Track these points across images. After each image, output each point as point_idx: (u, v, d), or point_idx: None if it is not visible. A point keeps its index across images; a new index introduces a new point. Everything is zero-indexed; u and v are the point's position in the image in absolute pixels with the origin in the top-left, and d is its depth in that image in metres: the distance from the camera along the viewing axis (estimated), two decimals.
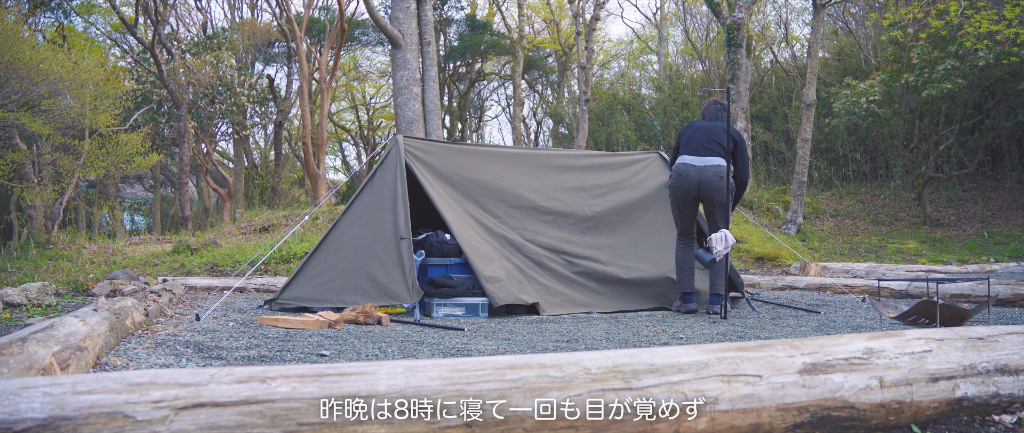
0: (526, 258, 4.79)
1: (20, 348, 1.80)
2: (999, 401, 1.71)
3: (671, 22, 26.99)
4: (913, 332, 1.80)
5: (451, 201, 4.76)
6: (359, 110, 29.43)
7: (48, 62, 8.78)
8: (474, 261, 4.42)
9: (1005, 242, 11.65)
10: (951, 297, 4.90)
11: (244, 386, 1.20)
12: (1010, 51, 10.97)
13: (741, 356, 1.53)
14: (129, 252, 9.47)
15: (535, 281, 4.69)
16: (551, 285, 4.73)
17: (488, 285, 4.33)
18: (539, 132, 29.24)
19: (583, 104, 17.71)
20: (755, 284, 7.03)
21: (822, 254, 11.22)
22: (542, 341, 3.29)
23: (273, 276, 7.78)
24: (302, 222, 9.03)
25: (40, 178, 10.46)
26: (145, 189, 24.43)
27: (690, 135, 4.75)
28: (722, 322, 4.11)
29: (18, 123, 8.66)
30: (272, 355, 2.76)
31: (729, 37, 11.66)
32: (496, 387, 1.30)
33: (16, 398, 1.12)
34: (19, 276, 7.02)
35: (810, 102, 12.50)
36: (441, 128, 12.64)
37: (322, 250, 4.69)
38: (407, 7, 10.78)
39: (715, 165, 4.56)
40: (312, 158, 17.49)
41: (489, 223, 4.83)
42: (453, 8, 24.89)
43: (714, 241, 4.41)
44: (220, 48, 17.32)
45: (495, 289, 4.32)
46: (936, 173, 14.06)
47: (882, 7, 14.83)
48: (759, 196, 13.82)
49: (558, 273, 4.81)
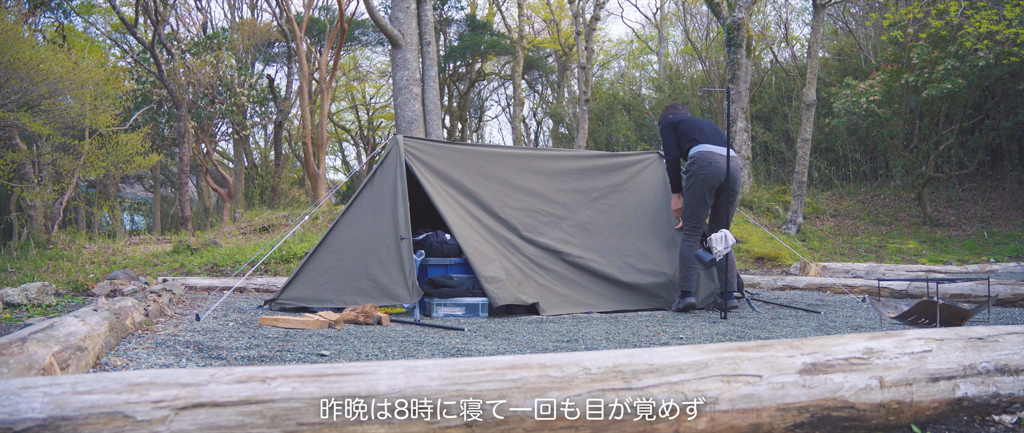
0: (525, 258, 4.79)
1: (20, 348, 1.80)
2: (999, 401, 1.71)
3: (671, 22, 27.00)
4: (913, 332, 1.80)
5: (451, 201, 4.76)
6: (359, 110, 29.44)
7: (48, 62, 8.78)
8: (474, 261, 4.42)
9: (1005, 242, 11.65)
10: (951, 297, 4.89)
11: (244, 386, 1.20)
12: (1010, 51, 10.97)
13: (741, 356, 1.53)
14: (129, 252, 9.48)
15: (535, 281, 4.69)
16: (550, 285, 4.73)
17: (488, 285, 4.34)
18: (539, 132, 29.25)
19: (583, 104, 17.71)
20: (755, 284, 7.03)
21: (822, 254, 11.22)
22: (542, 341, 3.29)
23: (273, 276, 7.78)
24: (302, 222, 9.03)
25: (40, 178, 10.46)
26: (145, 189, 24.43)
27: (695, 125, 4.69)
28: (722, 322, 4.11)
29: (18, 123, 8.66)
30: (272, 355, 2.76)
31: (729, 37, 11.66)
32: (496, 387, 1.30)
33: (16, 398, 1.12)
34: (19, 276, 7.02)
35: (810, 102, 12.50)
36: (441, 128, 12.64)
37: (322, 250, 4.69)
38: (407, 7, 10.78)
39: (734, 157, 4.60)
40: (312, 158, 17.49)
41: (489, 223, 4.83)
42: (453, 8, 24.90)
43: (714, 241, 4.41)
44: (220, 48, 17.33)
45: (495, 289, 4.33)
46: (936, 173, 14.06)
47: (882, 7, 14.83)
48: (759, 196, 13.81)
49: (557, 273, 4.81)
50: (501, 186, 5.01)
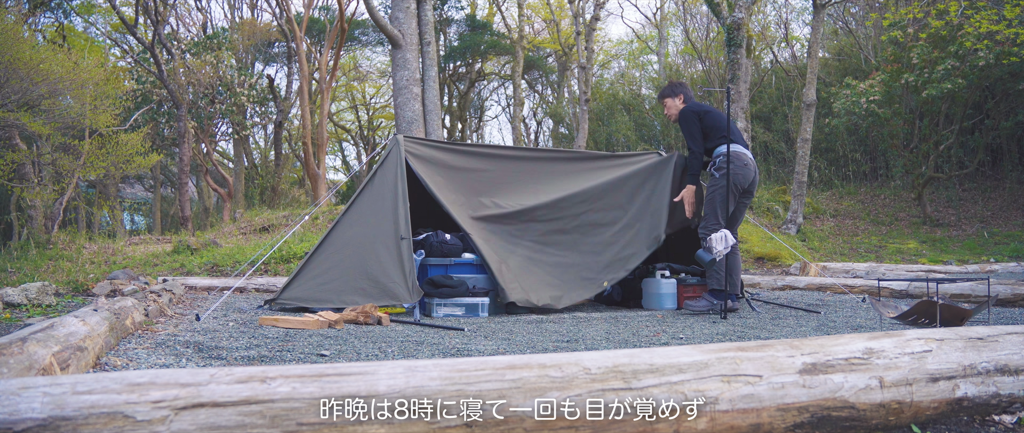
0: (529, 254, 4.80)
1: (20, 348, 1.80)
2: (999, 401, 1.71)
3: (671, 22, 27.00)
4: (913, 332, 1.80)
5: (454, 197, 4.77)
6: (359, 110, 29.44)
7: (48, 62, 8.78)
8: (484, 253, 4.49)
9: (1005, 242, 11.65)
10: (951, 297, 4.89)
11: (244, 386, 1.20)
12: (1010, 51, 10.97)
13: (741, 356, 1.53)
14: (129, 252, 9.48)
15: (539, 277, 4.70)
16: (554, 280, 4.75)
17: (499, 279, 4.41)
18: (539, 132, 29.25)
19: (583, 104, 17.72)
20: (755, 284, 7.03)
21: (822, 254, 11.22)
22: (542, 341, 3.29)
23: (273, 276, 7.78)
24: (302, 222, 9.03)
25: (40, 178, 10.46)
26: (145, 189, 24.44)
27: (723, 121, 4.62)
28: (722, 322, 4.11)
29: (18, 123, 8.66)
30: (272, 355, 2.76)
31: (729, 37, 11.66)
32: (496, 387, 1.30)
33: (16, 398, 1.12)
34: (19, 276, 7.02)
35: (810, 102, 12.50)
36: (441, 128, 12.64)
37: (322, 250, 4.69)
38: (407, 7, 10.78)
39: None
40: (312, 158, 17.49)
41: (492, 220, 4.84)
42: (453, 8, 24.90)
43: (714, 241, 4.41)
44: (220, 48, 17.33)
45: (504, 285, 4.40)
46: (936, 173, 14.06)
47: (882, 7, 14.83)
48: (759, 196, 13.82)
49: (561, 267, 4.83)
50: (502, 185, 5.01)
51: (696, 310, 4.61)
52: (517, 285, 4.52)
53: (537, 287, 4.63)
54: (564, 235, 4.98)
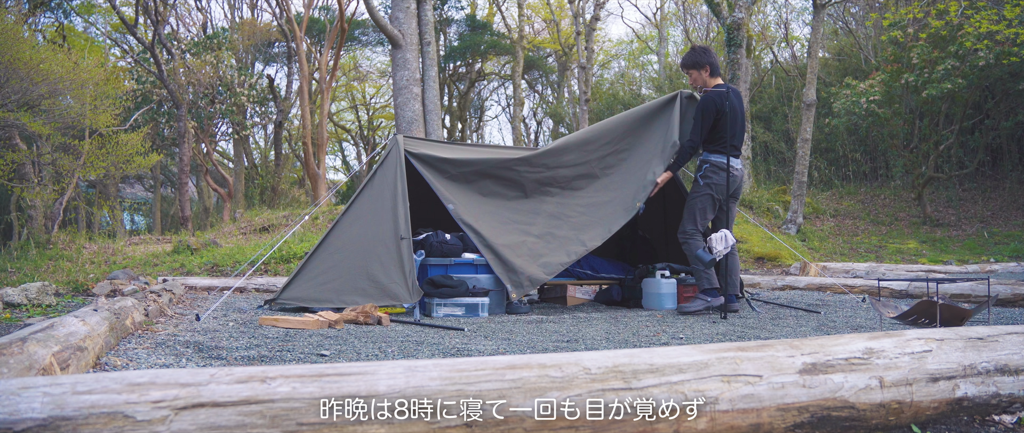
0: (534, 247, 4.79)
1: (20, 348, 1.80)
2: (999, 401, 1.71)
3: (671, 22, 27.02)
4: (913, 332, 1.80)
5: (458, 194, 4.77)
6: (359, 110, 29.46)
7: (48, 62, 8.78)
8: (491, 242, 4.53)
9: (1005, 242, 11.65)
10: (951, 297, 4.89)
11: (244, 386, 1.20)
12: (1010, 51, 10.97)
13: (741, 356, 1.53)
14: (129, 252, 9.48)
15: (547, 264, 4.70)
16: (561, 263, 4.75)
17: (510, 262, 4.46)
18: (539, 132, 29.27)
19: (583, 104, 17.72)
20: (755, 284, 7.03)
21: (822, 254, 11.22)
22: (542, 341, 3.29)
23: (273, 276, 7.78)
24: (302, 222, 9.04)
25: (40, 178, 10.46)
26: (145, 189, 24.44)
27: (736, 126, 4.54)
28: (722, 322, 4.11)
29: (18, 123, 8.66)
30: (272, 355, 2.76)
31: (729, 37, 11.66)
32: (496, 387, 1.30)
33: (16, 398, 1.12)
34: (19, 276, 7.02)
35: (810, 102, 12.50)
36: (441, 128, 12.64)
37: (322, 250, 4.69)
38: (407, 7, 10.78)
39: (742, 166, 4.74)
40: (312, 158, 17.50)
41: (494, 213, 4.83)
42: (453, 8, 24.91)
43: (714, 241, 4.41)
44: (220, 48, 17.33)
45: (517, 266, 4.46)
46: (936, 173, 14.06)
47: (882, 7, 14.83)
48: (759, 196, 13.82)
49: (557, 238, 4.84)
50: (503, 178, 5.00)
51: (690, 311, 4.55)
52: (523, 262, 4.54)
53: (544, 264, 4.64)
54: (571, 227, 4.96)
